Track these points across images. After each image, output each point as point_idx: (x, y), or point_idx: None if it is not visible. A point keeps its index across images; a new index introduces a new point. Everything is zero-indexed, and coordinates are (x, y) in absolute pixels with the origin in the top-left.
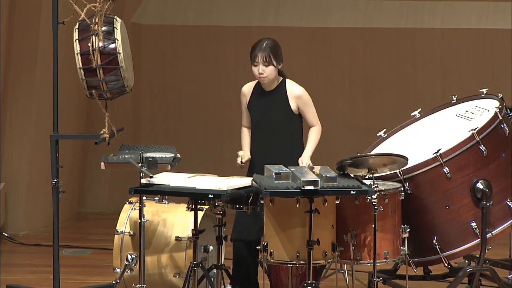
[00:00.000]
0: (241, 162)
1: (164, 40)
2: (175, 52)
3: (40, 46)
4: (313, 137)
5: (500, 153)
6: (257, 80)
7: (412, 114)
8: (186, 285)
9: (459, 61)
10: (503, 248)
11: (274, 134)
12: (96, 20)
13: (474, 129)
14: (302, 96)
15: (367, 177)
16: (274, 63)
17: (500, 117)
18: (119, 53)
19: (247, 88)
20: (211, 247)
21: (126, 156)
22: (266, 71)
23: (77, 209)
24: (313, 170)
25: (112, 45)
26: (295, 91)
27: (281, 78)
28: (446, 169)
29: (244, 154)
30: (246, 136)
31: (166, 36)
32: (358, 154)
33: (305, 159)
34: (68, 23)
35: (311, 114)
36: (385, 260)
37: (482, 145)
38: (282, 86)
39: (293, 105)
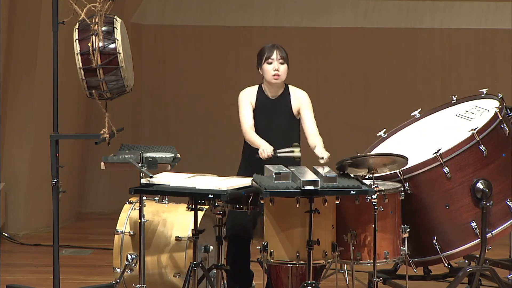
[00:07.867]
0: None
1: (164, 40)
2: (175, 52)
3: (40, 46)
4: (320, 139)
5: (500, 153)
6: (257, 87)
7: (412, 114)
8: (186, 285)
9: (459, 61)
10: (503, 248)
11: (277, 140)
12: (96, 20)
13: (474, 129)
14: (305, 97)
15: (367, 177)
16: (288, 63)
17: (500, 117)
18: (119, 53)
19: (251, 91)
20: (211, 247)
21: (126, 156)
22: (281, 69)
23: (77, 209)
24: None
25: (112, 45)
26: (297, 93)
27: (285, 85)
28: (446, 169)
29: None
30: (256, 134)
31: (166, 36)
32: (358, 154)
33: (324, 153)
34: (68, 23)
35: (311, 118)
36: (385, 260)
37: (482, 145)
38: (286, 92)
39: (295, 110)
